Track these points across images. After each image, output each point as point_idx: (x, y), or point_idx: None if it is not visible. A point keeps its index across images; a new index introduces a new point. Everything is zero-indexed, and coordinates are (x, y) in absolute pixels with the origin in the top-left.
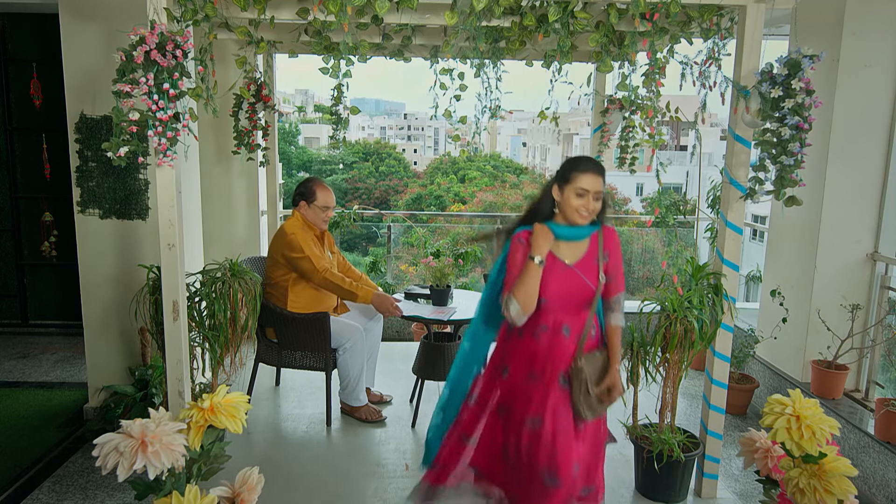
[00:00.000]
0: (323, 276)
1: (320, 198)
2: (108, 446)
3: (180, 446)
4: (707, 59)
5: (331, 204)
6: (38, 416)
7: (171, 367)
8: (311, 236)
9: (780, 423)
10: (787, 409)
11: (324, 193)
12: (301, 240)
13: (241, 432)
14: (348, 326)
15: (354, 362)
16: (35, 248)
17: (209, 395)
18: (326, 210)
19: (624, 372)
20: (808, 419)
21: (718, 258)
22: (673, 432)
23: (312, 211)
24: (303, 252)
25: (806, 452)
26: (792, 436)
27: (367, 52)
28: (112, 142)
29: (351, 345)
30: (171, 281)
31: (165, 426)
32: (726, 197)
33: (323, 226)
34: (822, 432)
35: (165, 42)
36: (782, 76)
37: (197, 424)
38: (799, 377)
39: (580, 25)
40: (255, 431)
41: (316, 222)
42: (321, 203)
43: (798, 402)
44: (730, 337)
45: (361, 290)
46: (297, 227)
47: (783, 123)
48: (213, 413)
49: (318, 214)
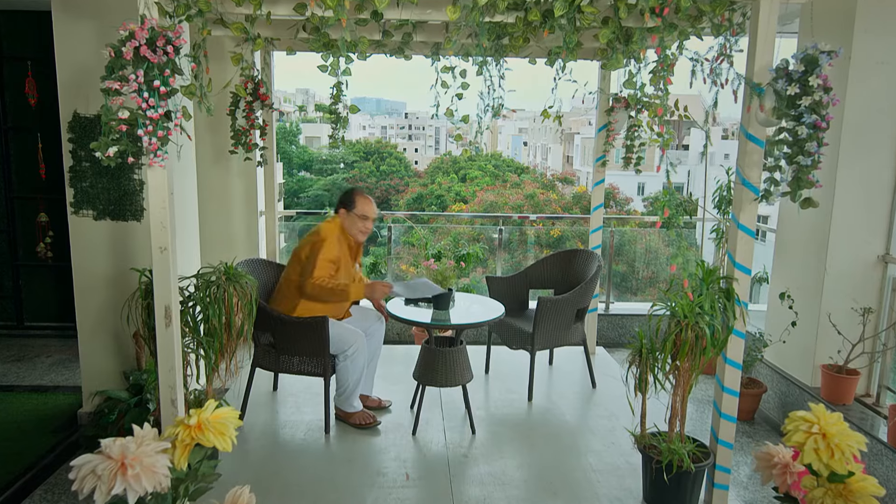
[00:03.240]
0: (313, 283)
1: (359, 206)
2: (85, 468)
3: (164, 468)
4: (718, 56)
5: (370, 214)
6: (32, 420)
7: (164, 375)
8: (345, 247)
9: (808, 445)
10: (813, 428)
11: (363, 202)
12: (327, 249)
13: (230, 450)
14: (352, 333)
15: (354, 369)
16: (30, 250)
17: (197, 412)
18: (365, 220)
19: (632, 379)
20: (836, 437)
21: (730, 261)
22: (682, 441)
23: (350, 219)
24: (317, 260)
25: (833, 471)
26: (821, 456)
27: (366, 49)
28: (101, 141)
29: (353, 351)
30: (163, 285)
31: (147, 446)
32: (738, 198)
33: (360, 237)
34: (850, 449)
35: (156, 37)
36: (799, 73)
37: (183, 443)
38: (808, 382)
39: (587, 21)
40: (251, 438)
41: (352, 231)
42: (359, 212)
43: (823, 418)
44: (741, 343)
45: (353, 288)
46: (331, 233)
47: (800, 122)
48: (201, 431)
49: (356, 223)
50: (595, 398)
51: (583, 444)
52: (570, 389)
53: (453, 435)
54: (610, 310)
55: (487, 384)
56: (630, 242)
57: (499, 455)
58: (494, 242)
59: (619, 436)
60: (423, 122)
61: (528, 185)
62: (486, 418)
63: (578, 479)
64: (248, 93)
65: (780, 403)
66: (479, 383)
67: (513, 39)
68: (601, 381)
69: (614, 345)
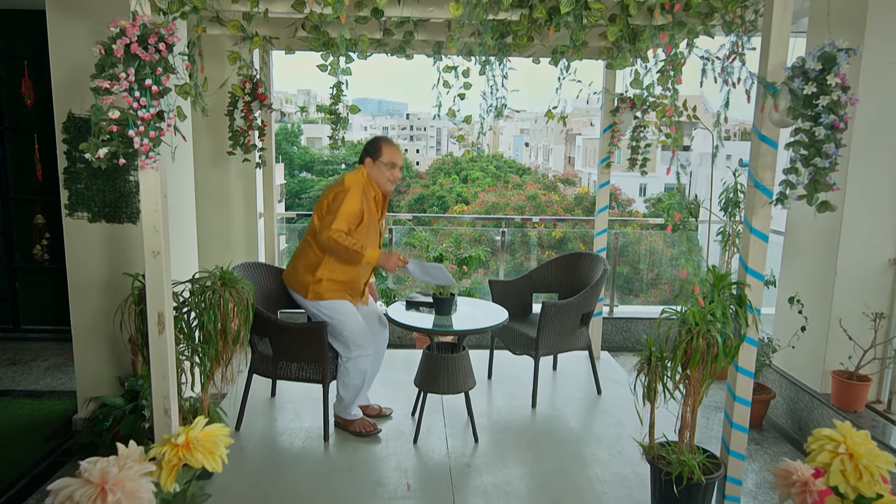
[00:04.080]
0: (329, 235)
1: (385, 154)
2: (62, 494)
3: (148, 492)
4: (730, 54)
5: (397, 161)
6: (27, 426)
7: (157, 384)
8: (370, 199)
9: (834, 467)
10: (839, 448)
11: (390, 150)
12: (350, 200)
13: (220, 470)
14: (367, 335)
15: (356, 374)
16: (27, 252)
17: (185, 429)
18: (393, 168)
19: (640, 388)
20: (864, 457)
21: (742, 266)
22: (692, 452)
23: (377, 168)
24: (338, 211)
25: (860, 493)
26: (848, 478)
27: (367, 48)
28: (91, 142)
29: (359, 354)
30: (156, 291)
31: (130, 469)
32: (751, 201)
33: (387, 185)
34: (878, 470)
35: (148, 35)
36: (815, 71)
37: (170, 464)
38: (818, 388)
39: (594, 18)
40: (248, 447)
41: (380, 181)
42: (387, 159)
43: (849, 437)
44: (754, 351)
45: (368, 252)
46: (357, 183)
47: (817, 122)
48: (189, 450)
49: (384, 172)
50: (600, 405)
51: (588, 452)
52: (574, 395)
53: (455, 443)
54: (614, 313)
55: (490, 390)
56: (633, 244)
57: (502, 464)
58: (497, 244)
59: (625, 444)
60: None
61: (530, 186)
62: (489, 426)
63: (584, 490)
64: (247, 93)
65: (789, 409)
66: (482, 389)
67: (516, 38)
68: (606, 386)
69: (619, 349)
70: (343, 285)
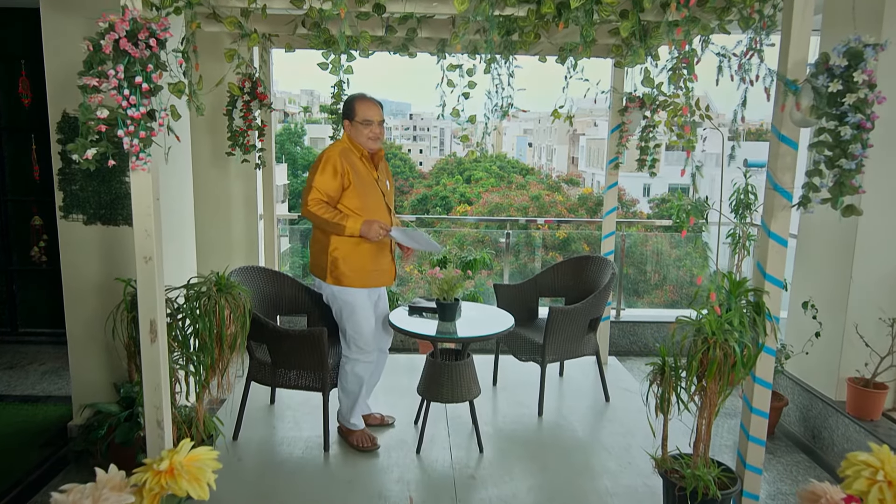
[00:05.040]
0: (305, 209)
1: (360, 112)
2: None
3: None
4: (748, 51)
5: (372, 117)
6: (21, 433)
7: (149, 394)
8: (354, 160)
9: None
10: (878, 475)
11: (363, 106)
12: (321, 169)
13: (207, 498)
14: (372, 340)
15: (354, 378)
16: (25, 254)
17: (169, 453)
18: (369, 125)
19: (653, 399)
20: None
21: (759, 272)
22: (707, 466)
23: (355, 129)
24: (311, 183)
25: None
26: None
27: (368, 45)
28: (78, 143)
29: (358, 357)
30: (147, 298)
31: (106, 501)
32: (769, 204)
33: (370, 144)
34: None
35: (138, 30)
36: (841, 68)
37: (151, 492)
38: (832, 395)
39: (606, 13)
40: (246, 456)
41: (361, 141)
42: (361, 117)
43: (888, 462)
44: (772, 361)
45: (349, 221)
46: (334, 151)
47: (843, 122)
48: (172, 477)
49: (361, 131)
50: (609, 413)
51: (597, 463)
52: (582, 403)
53: (460, 453)
54: (621, 317)
55: (495, 396)
56: (638, 244)
57: (508, 476)
58: (500, 245)
59: (635, 455)
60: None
61: (534, 186)
62: (495, 434)
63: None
64: (246, 92)
65: (802, 417)
66: (487, 395)
67: (523, 35)
68: (614, 393)
69: (626, 353)
70: (361, 267)
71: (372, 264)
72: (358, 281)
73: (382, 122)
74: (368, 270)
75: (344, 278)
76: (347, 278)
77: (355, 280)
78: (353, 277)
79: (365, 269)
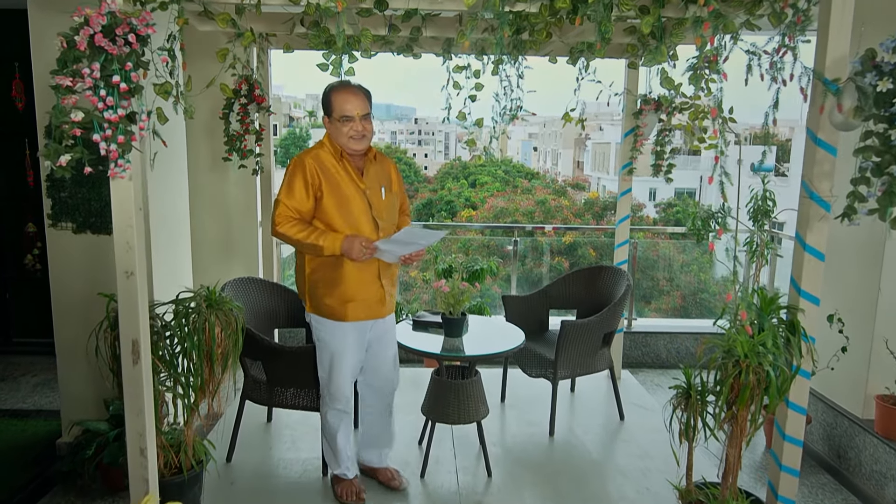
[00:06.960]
0: (275, 229)
1: (336, 107)
2: None
3: None
4: (780, 48)
5: (349, 111)
6: (8, 450)
7: (131, 420)
8: (329, 166)
9: None
10: None
11: (340, 97)
12: (286, 184)
13: None
14: (345, 389)
15: (328, 427)
16: (19, 261)
17: None
18: (347, 122)
19: (677, 424)
20: None
21: (794, 289)
22: (736, 498)
23: (333, 127)
24: (276, 203)
25: None
26: None
27: (370, 45)
28: (50, 148)
29: (330, 406)
30: (130, 316)
31: None
32: (805, 215)
33: (353, 144)
34: None
35: (116, 24)
36: (891, 65)
37: None
38: (859, 413)
39: (626, 6)
40: (239, 479)
41: (341, 142)
42: (338, 114)
43: None
44: (807, 385)
45: (325, 240)
46: (304, 157)
47: (893, 125)
48: None
49: (339, 129)
50: (623, 433)
51: (614, 489)
52: (595, 421)
53: (466, 478)
54: (633, 327)
55: (504, 414)
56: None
57: (519, 503)
58: (507, 251)
59: (653, 480)
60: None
61: (539, 190)
62: (503, 456)
63: None
64: (243, 94)
65: (826, 436)
66: (495, 413)
67: (534, 33)
68: (629, 411)
69: (638, 364)
70: (341, 294)
71: (356, 291)
72: (339, 312)
73: (368, 116)
74: (354, 299)
75: (323, 307)
76: (327, 308)
77: (336, 311)
78: (335, 308)
79: (346, 296)
